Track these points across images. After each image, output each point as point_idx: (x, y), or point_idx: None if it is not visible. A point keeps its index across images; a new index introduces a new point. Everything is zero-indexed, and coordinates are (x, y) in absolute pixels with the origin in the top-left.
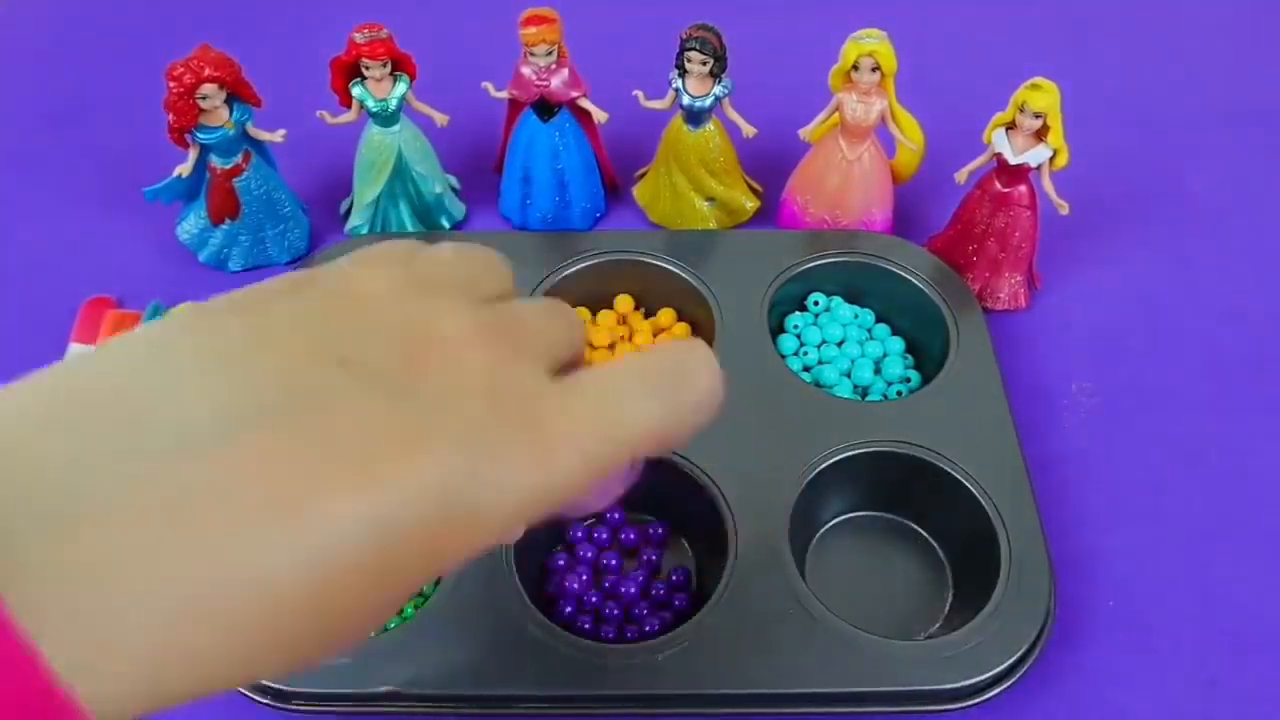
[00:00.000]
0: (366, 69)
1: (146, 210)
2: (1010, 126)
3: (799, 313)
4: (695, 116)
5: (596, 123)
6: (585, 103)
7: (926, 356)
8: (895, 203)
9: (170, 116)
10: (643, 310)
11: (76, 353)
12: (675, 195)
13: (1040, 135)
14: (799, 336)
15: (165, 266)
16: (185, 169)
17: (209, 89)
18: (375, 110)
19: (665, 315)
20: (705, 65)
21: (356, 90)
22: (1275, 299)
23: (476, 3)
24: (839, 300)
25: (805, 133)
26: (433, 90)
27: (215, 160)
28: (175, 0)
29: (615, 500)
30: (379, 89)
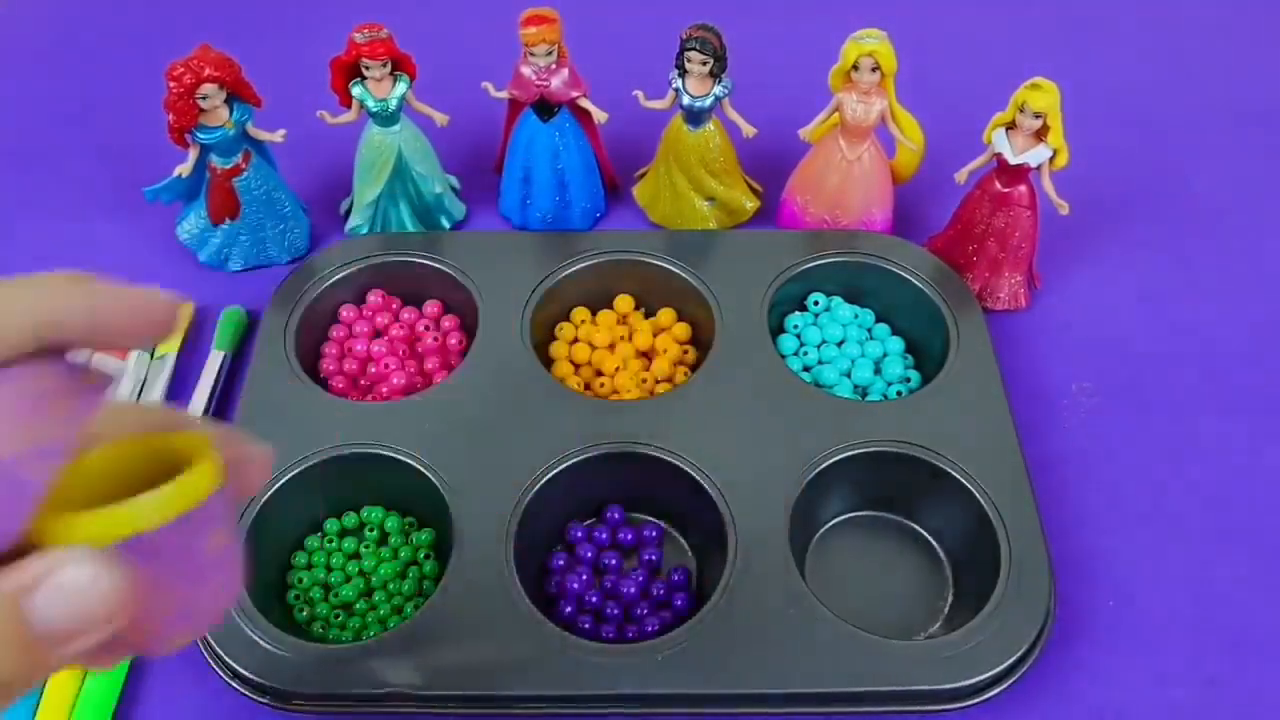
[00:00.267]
0: (366, 69)
1: (146, 210)
2: (1010, 126)
3: (799, 313)
4: (695, 116)
5: (596, 123)
6: (585, 103)
7: (926, 356)
8: (895, 203)
9: (170, 116)
10: (643, 310)
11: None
12: (675, 195)
13: (1040, 135)
14: (799, 336)
15: (165, 266)
16: (185, 169)
17: (209, 89)
18: (375, 110)
19: (665, 315)
20: (705, 65)
21: (356, 90)
22: (1275, 299)
23: (476, 3)
24: (839, 300)
25: (805, 133)
26: (433, 90)
27: (215, 160)
28: (175, 0)
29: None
30: (379, 89)
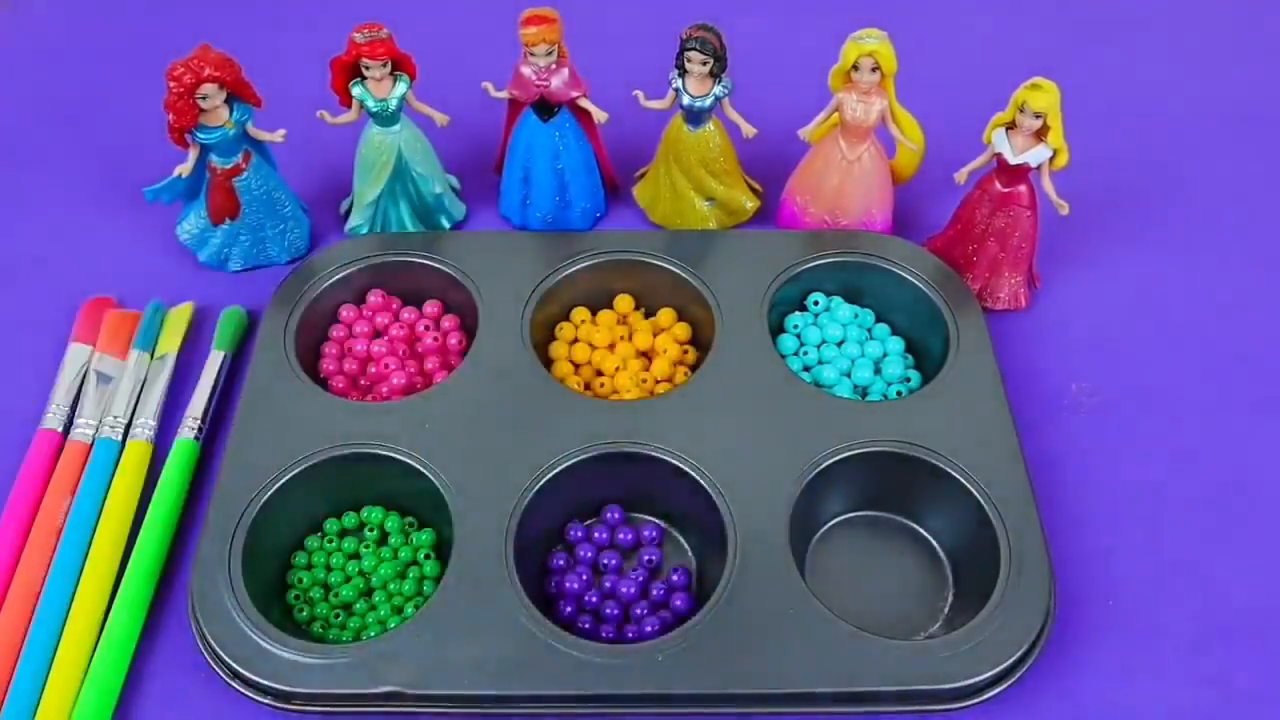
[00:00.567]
0: (366, 69)
1: (147, 210)
2: (1010, 126)
3: (799, 313)
4: (695, 116)
5: (596, 123)
6: (585, 103)
7: (926, 356)
8: (895, 203)
9: (170, 116)
10: (643, 310)
11: (76, 353)
12: (675, 195)
13: (1040, 135)
14: (799, 336)
15: (165, 266)
16: (185, 169)
17: (209, 89)
18: (375, 110)
19: (665, 315)
20: (705, 65)
21: (356, 90)
22: (1275, 299)
23: (476, 3)
24: (839, 300)
25: (805, 133)
26: (433, 90)
27: (215, 160)
28: (176, 0)
29: None
30: (379, 89)
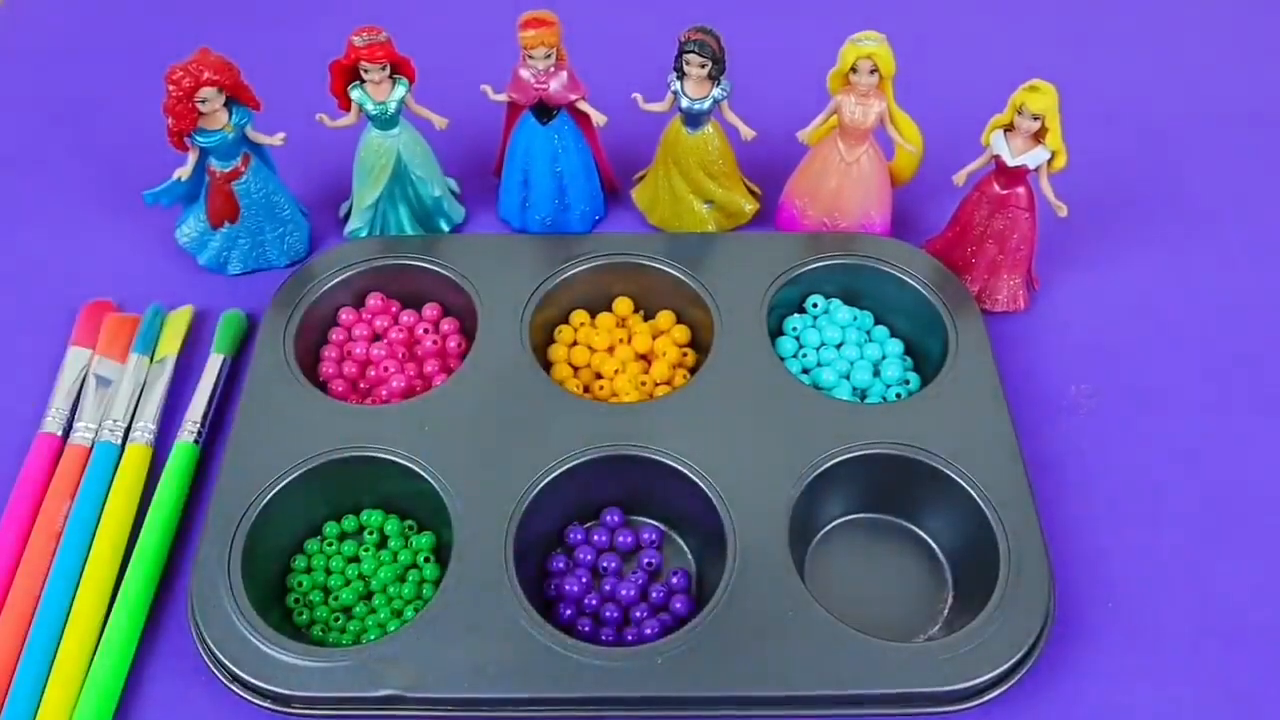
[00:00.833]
0: (365, 72)
1: (146, 213)
2: (1008, 128)
3: (798, 315)
4: (694, 119)
5: (595, 125)
6: (584, 105)
7: (925, 359)
8: (894, 205)
9: (169, 120)
10: (642, 313)
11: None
12: (674, 198)
13: (1038, 137)
14: (798, 339)
15: (165, 270)
16: (184, 172)
17: (208, 92)
18: (374, 113)
19: (664, 318)
20: (704, 68)
21: (355, 93)
22: (1273, 299)
23: (475, 6)
24: (838, 302)
25: (804, 135)
26: (432, 93)
27: (215, 163)
28: (176, 2)
29: None
30: (378, 92)
